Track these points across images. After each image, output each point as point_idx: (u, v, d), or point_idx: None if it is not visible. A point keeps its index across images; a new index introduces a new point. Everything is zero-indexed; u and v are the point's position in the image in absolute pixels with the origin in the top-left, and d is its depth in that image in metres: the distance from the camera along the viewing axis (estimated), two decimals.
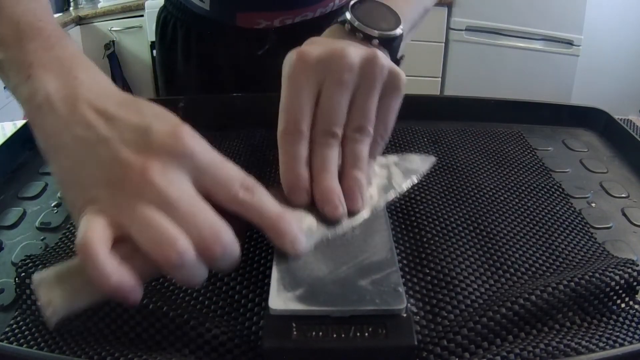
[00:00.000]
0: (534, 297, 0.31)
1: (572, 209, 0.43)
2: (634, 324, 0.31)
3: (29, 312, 0.32)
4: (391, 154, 0.40)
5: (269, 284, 0.30)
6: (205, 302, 0.32)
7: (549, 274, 0.35)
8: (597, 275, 0.32)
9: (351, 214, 0.34)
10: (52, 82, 0.31)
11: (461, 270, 0.35)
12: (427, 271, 0.35)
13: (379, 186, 0.37)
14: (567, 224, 0.40)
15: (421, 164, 0.41)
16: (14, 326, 0.31)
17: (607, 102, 0.75)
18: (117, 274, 0.25)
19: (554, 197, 0.44)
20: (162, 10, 0.76)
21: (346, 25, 0.40)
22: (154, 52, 0.81)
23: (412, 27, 0.47)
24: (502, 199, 0.43)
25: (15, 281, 0.33)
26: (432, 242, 0.37)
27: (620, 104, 2.14)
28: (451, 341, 0.29)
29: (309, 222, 0.33)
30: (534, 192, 0.44)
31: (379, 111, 0.36)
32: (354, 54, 0.35)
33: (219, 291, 0.33)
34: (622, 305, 0.33)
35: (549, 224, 0.40)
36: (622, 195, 0.46)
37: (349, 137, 0.35)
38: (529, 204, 0.43)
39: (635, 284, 0.33)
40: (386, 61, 0.35)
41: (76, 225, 0.28)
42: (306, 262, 0.31)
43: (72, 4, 2.52)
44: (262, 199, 0.30)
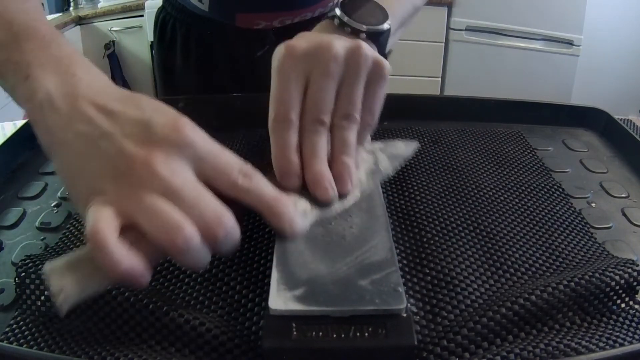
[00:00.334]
0: (534, 297, 0.31)
1: (572, 209, 0.43)
2: (634, 324, 0.31)
3: (29, 312, 0.32)
4: (376, 140, 0.42)
5: (269, 284, 0.30)
6: (205, 302, 0.32)
7: (549, 274, 0.35)
8: (597, 275, 0.32)
9: (341, 196, 0.36)
10: (51, 81, 0.32)
11: (461, 270, 0.35)
12: (427, 271, 0.35)
13: (367, 170, 0.39)
14: (567, 224, 0.40)
15: (405, 149, 0.43)
16: (14, 326, 0.31)
17: (607, 102, 0.75)
18: (127, 260, 0.26)
19: (554, 197, 0.44)
20: (161, 10, 0.76)
21: (335, 20, 0.42)
22: (154, 52, 0.81)
23: (401, 24, 0.49)
24: (502, 199, 0.43)
25: (15, 281, 0.33)
26: (432, 242, 0.37)
27: (620, 104, 2.14)
28: (451, 341, 0.29)
29: (303, 205, 0.35)
30: (534, 192, 0.44)
31: (365, 99, 0.37)
32: (339, 45, 0.36)
33: (219, 291, 0.33)
34: (622, 305, 0.33)
35: (549, 224, 0.40)
36: (622, 195, 0.46)
37: (336, 124, 0.37)
38: (529, 204, 0.43)
39: (635, 284, 0.33)
40: (370, 51, 0.37)
41: (82, 217, 0.29)
42: (306, 262, 0.31)
43: (72, 4, 2.53)
44: (260, 184, 0.31)
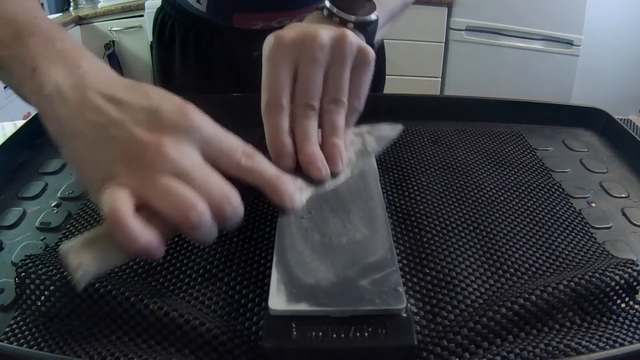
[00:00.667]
0: (534, 297, 0.31)
1: (572, 209, 0.43)
2: (634, 324, 0.31)
3: (29, 312, 0.32)
4: (363, 124, 0.44)
5: (269, 284, 0.30)
6: (205, 302, 0.32)
7: (549, 274, 0.35)
8: (597, 275, 0.32)
9: (333, 175, 0.38)
10: (58, 74, 0.33)
11: (461, 270, 0.35)
12: (427, 271, 0.35)
13: (356, 151, 0.42)
14: (567, 224, 0.40)
15: (390, 131, 0.46)
16: (14, 326, 0.31)
17: (607, 102, 0.75)
18: (145, 236, 0.29)
19: (554, 197, 0.44)
20: (160, 11, 0.76)
21: (324, 10, 0.43)
22: (153, 52, 0.81)
23: (390, 17, 0.51)
24: (502, 199, 0.43)
25: (15, 281, 0.33)
26: (432, 242, 0.37)
27: (620, 104, 2.15)
28: (451, 341, 0.29)
29: (299, 183, 0.37)
30: (534, 192, 0.44)
31: (352, 84, 0.39)
32: (325, 34, 0.38)
33: (219, 291, 0.33)
34: (622, 305, 0.33)
35: (549, 224, 0.40)
36: (622, 195, 0.46)
37: (325, 108, 0.39)
38: (529, 204, 0.43)
39: (635, 284, 0.33)
40: (355, 39, 0.39)
41: (95, 201, 0.31)
42: (306, 262, 0.31)
43: (72, 4, 2.52)
44: (262, 163, 0.34)
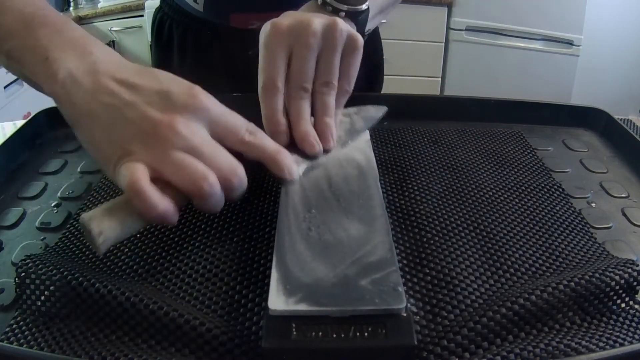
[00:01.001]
0: (534, 297, 0.31)
1: (572, 209, 0.43)
2: (634, 324, 0.31)
3: (29, 312, 0.32)
4: (350, 107, 0.48)
5: (268, 284, 0.30)
6: (205, 302, 0.32)
7: (549, 274, 0.35)
8: (597, 275, 0.32)
9: (326, 151, 0.42)
10: (71, 60, 0.36)
11: (461, 270, 0.35)
12: (427, 271, 0.35)
13: (345, 130, 0.46)
14: (567, 224, 0.40)
15: (375, 112, 0.50)
16: (14, 326, 0.31)
17: (607, 102, 0.75)
18: (162, 204, 0.32)
19: (554, 197, 0.44)
20: (158, 10, 0.76)
21: (318, 0, 0.47)
22: (152, 52, 0.81)
23: (381, 9, 0.55)
24: (502, 199, 0.43)
25: (15, 281, 0.33)
26: (432, 242, 0.37)
27: (620, 104, 2.15)
28: (451, 341, 0.29)
29: (295, 157, 0.40)
30: (534, 192, 0.44)
31: (342, 68, 0.42)
32: (318, 22, 0.41)
33: (219, 291, 0.33)
34: (622, 305, 0.33)
35: (549, 224, 0.40)
36: (622, 195, 0.46)
37: (317, 90, 0.42)
38: (529, 204, 0.43)
39: (635, 284, 0.33)
40: (345, 27, 0.42)
41: (111, 177, 0.34)
42: (306, 262, 0.31)
43: (72, 4, 2.53)
44: (264, 139, 0.37)
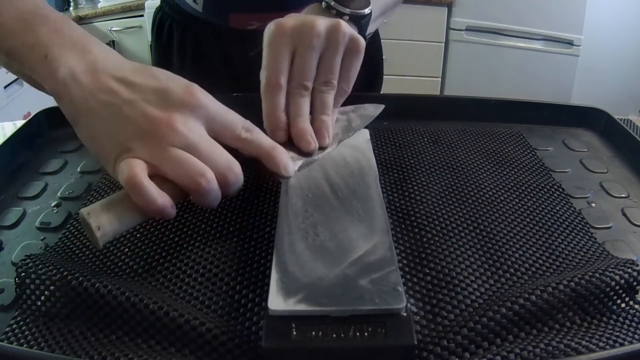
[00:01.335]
0: (534, 297, 0.31)
1: (572, 209, 0.43)
2: (634, 324, 0.31)
3: (29, 312, 0.32)
4: (348, 105, 0.49)
5: (268, 284, 0.30)
6: (205, 302, 0.32)
7: (549, 274, 0.35)
8: (597, 275, 0.32)
9: (321, 148, 0.43)
10: (70, 59, 0.36)
11: (461, 270, 0.35)
12: (427, 271, 0.35)
13: (342, 127, 0.47)
14: (567, 224, 0.40)
15: (373, 110, 0.51)
16: (14, 326, 0.31)
17: (607, 102, 0.75)
18: (160, 198, 0.33)
19: (554, 197, 0.44)
20: (159, 10, 0.76)
21: (322, 3, 0.47)
22: (152, 51, 0.81)
23: (383, 12, 0.56)
24: (502, 199, 0.43)
25: (15, 281, 0.33)
26: (432, 242, 0.37)
27: (620, 104, 2.15)
28: (451, 341, 0.29)
29: (291, 154, 0.41)
30: (534, 192, 0.44)
31: (342, 69, 0.44)
32: (321, 24, 0.42)
33: (219, 291, 0.33)
34: (622, 305, 0.33)
35: (549, 224, 0.40)
36: (622, 195, 0.46)
37: (317, 89, 0.43)
38: (529, 204, 0.43)
39: (635, 284, 0.33)
40: (348, 29, 0.43)
41: (111, 173, 0.35)
42: (305, 262, 0.31)
43: (72, 4, 2.53)
44: (259, 136, 0.38)
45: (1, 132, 0.70)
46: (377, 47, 0.79)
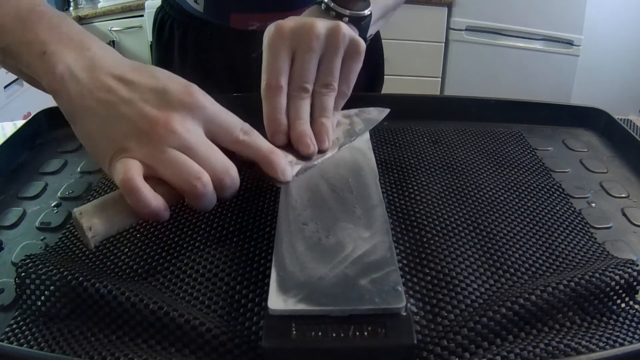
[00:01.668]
0: (534, 297, 0.31)
1: (572, 209, 0.43)
2: (634, 324, 0.31)
3: (29, 312, 0.32)
4: (352, 108, 0.49)
5: (268, 284, 0.30)
6: (205, 302, 0.32)
7: (549, 274, 0.35)
8: (597, 275, 0.32)
9: (320, 151, 0.42)
10: (68, 55, 0.36)
11: (461, 270, 0.35)
12: (427, 271, 0.35)
13: (343, 131, 0.46)
14: (567, 224, 0.40)
15: (377, 114, 0.49)
16: (14, 326, 0.31)
17: (607, 102, 0.75)
18: (155, 201, 0.32)
19: (554, 197, 0.44)
20: (160, 10, 0.76)
21: (322, 5, 0.47)
22: (153, 51, 0.81)
23: (383, 14, 0.55)
24: (502, 199, 0.43)
25: (15, 281, 0.33)
26: (432, 242, 0.37)
27: (620, 104, 2.14)
28: (451, 341, 0.29)
29: (290, 157, 0.40)
30: (534, 192, 0.44)
31: (342, 71, 0.43)
32: (321, 25, 0.42)
33: (219, 291, 0.33)
34: (622, 305, 0.33)
35: (549, 224, 0.40)
36: (622, 195, 0.46)
37: (317, 91, 0.43)
38: (529, 204, 0.43)
39: (635, 284, 0.33)
40: (348, 31, 0.42)
41: (108, 172, 0.35)
42: (305, 262, 0.31)
43: (72, 4, 2.52)
44: (258, 139, 0.38)
45: (1, 132, 0.70)
46: (378, 49, 0.79)
